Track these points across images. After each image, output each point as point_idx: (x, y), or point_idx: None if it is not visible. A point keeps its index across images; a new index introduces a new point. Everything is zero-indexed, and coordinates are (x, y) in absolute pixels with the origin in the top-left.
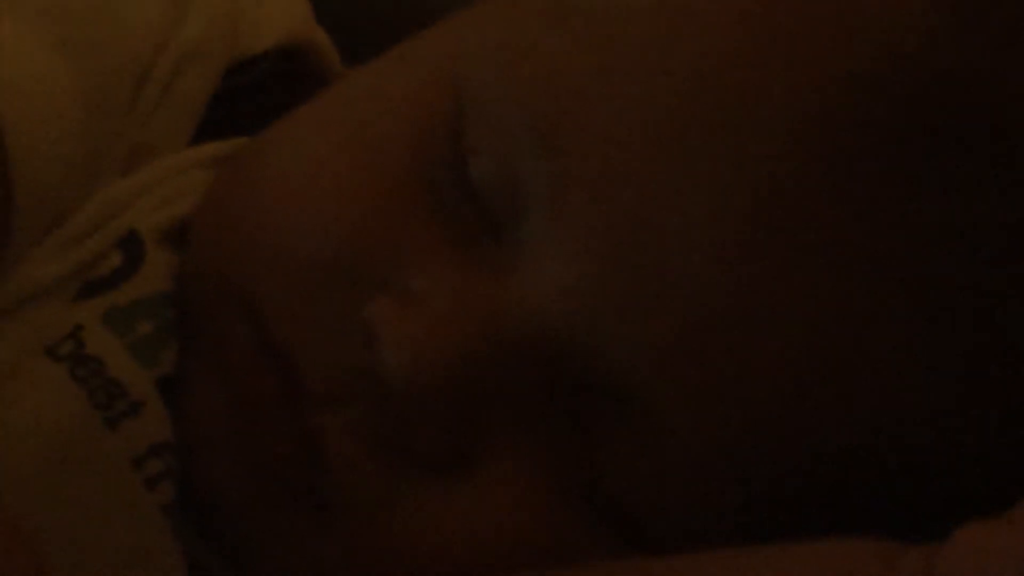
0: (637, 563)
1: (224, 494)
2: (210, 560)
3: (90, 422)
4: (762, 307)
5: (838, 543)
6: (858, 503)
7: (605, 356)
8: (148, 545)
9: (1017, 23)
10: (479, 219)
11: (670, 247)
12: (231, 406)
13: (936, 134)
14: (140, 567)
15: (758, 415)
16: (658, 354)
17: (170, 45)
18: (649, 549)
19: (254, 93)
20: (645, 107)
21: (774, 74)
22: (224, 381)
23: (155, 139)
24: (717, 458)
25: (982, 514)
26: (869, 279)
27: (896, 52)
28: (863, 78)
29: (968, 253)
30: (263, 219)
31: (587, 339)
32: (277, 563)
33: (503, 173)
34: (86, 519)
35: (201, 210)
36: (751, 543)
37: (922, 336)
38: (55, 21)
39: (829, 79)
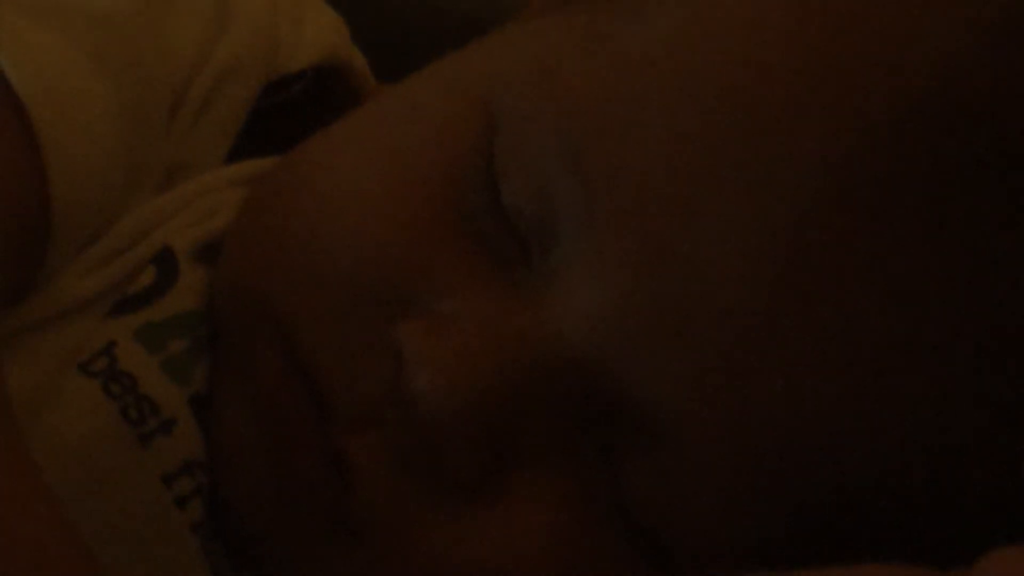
0: None
1: (252, 514)
2: None
3: (122, 438)
4: (792, 337)
5: (866, 569)
6: (885, 530)
7: (633, 383)
8: (177, 563)
9: None
10: (511, 243)
11: (701, 276)
12: (260, 426)
13: (978, 163)
14: None
15: (786, 444)
16: (686, 382)
17: (209, 63)
18: (675, 573)
19: (289, 111)
20: (679, 133)
21: (810, 102)
22: (253, 400)
23: (191, 156)
24: (743, 485)
25: (1010, 540)
26: (905, 309)
27: (934, 80)
28: (900, 106)
29: (1009, 283)
30: (294, 237)
31: (616, 366)
32: None
33: (535, 197)
34: (116, 535)
35: (233, 227)
36: (776, 568)
37: (957, 367)
38: (96, 36)
39: (866, 108)
